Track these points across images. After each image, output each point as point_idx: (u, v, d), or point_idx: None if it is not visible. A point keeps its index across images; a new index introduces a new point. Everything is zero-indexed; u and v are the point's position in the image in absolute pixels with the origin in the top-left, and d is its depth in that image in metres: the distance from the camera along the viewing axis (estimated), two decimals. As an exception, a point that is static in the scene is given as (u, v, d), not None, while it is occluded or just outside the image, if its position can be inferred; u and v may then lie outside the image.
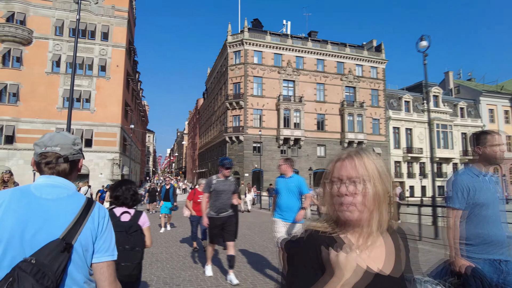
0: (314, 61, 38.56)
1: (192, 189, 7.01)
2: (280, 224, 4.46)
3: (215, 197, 4.83)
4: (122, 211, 2.57)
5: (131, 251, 2.41)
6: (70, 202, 1.24)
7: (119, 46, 30.87)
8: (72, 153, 1.30)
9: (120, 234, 2.36)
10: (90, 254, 1.22)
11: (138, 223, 2.55)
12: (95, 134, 29.14)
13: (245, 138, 34.58)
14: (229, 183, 4.90)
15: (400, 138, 42.48)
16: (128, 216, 2.55)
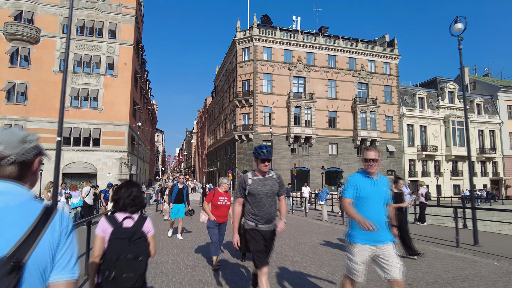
0: (325, 57, 37.56)
1: (212, 190, 5.91)
2: (366, 252, 2.99)
3: (253, 203, 3.44)
4: (125, 216, 2.33)
5: (134, 261, 2.15)
6: (22, 211, 1.03)
7: (127, 44, 30.42)
8: (21, 153, 1.10)
9: (122, 242, 2.17)
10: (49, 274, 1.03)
11: (142, 229, 2.28)
12: (103, 133, 28.75)
13: (254, 136, 33.82)
14: (271, 182, 3.47)
15: (414, 135, 41.20)
16: (131, 221, 2.31)
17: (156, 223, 12.26)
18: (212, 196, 5.72)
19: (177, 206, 8.78)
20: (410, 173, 40.48)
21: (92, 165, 28.38)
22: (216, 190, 5.79)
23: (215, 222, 5.65)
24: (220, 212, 5.68)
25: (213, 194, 5.74)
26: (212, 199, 5.67)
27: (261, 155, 3.40)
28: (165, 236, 9.00)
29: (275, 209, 3.51)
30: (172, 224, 9.18)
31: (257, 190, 3.39)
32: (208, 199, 5.75)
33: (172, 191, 8.76)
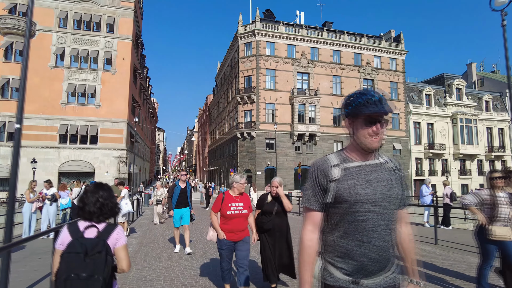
0: (330, 52, 36.45)
1: (221, 193, 4.15)
2: None
3: (347, 223, 1.46)
4: (88, 224, 1.98)
5: (88, 281, 1.78)
6: None
7: (125, 38, 29.42)
8: None
9: (76, 256, 1.80)
10: None
11: (107, 241, 1.92)
12: (101, 130, 27.79)
13: (257, 134, 32.78)
14: (387, 176, 1.50)
15: (421, 133, 40.07)
16: (95, 231, 1.95)
17: (151, 227, 11.28)
18: (220, 203, 3.98)
19: (180, 211, 7.01)
20: (417, 172, 39.41)
21: (90, 164, 27.44)
22: (227, 194, 4.04)
23: (227, 242, 3.89)
24: (233, 225, 3.91)
25: (221, 199, 3.99)
26: (221, 207, 3.97)
27: (369, 105, 1.44)
28: (157, 244, 7.98)
29: (393, 240, 1.50)
30: (178, 235, 7.23)
31: (359, 192, 1.44)
32: (216, 208, 4.02)
33: (173, 193, 6.96)
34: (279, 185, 4.35)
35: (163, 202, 12.00)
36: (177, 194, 6.99)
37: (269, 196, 4.41)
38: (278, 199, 4.32)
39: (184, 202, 7.04)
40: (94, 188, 2.08)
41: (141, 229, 10.48)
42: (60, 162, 26.81)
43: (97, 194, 2.04)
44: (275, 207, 4.26)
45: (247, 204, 4.07)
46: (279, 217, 4.26)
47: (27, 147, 26.17)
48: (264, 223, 4.20)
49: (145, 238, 8.55)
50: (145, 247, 7.33)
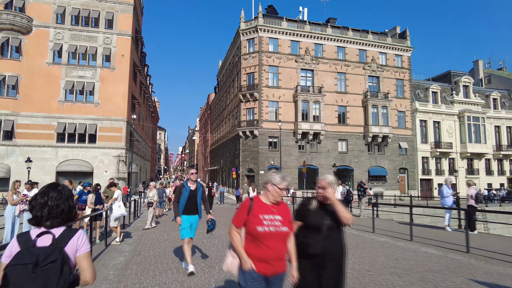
0: (334, 49, 35.58)
1: (248, 200, 2.76)
2: None
3: None
4: (41, 231, 1.70)
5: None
6: None
7: (125, 34, 28.64)
8: None
9: (22, 269, 1.55)
10: None
11: (64, 248, 1.66)
12: (99, 128, 27.03)
13: (260, 132, 31.97)
14: None
15: (428, 131, 39.18)
16: (49, 238, 1.68)
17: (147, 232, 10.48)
18: (246, 213, 2.63)
19: (189, 218, 5.52)
20: (424, 171, 38.53)
21: (88, 163, 26.69)
22: (257, 201, 2.70)
23: (256, 276, 2.52)
24: (267, 250, 2.54)
25: (248, 208, 2.65)
26: (248, 218, 2.60)
27: None
28: (152, 251, 7.18)
29: None
30: (189, 250, 5.56)
31: None
32: (239, 221, 2.65)
33: (180, 196, 5.54)
34: (328, 185, 2.89)
35: (154, 205, 11.09)
36: (185, 197, 5.51)
37: (313, 202, 2.97)
38: (328, 207, 2.89)
39: (194, 207, 5.57)
40: (44, 189, 1.82)
41: (136, 233, 9.68)
42: (57, 162, 26.09)
43: (47, 195, 1.78)
44: (325, 220, 2.83)
45: (287, 218, 2.68)
46: (332, 235, 2.83)
47: (24, 146, 25.51)
48: (310, 245, 2.77)
49: (140, 245, 7.75)
50: (138, 256, 6.52)
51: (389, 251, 6.85)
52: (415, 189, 37.37)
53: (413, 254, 6.44)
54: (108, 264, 5.82)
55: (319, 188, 2.94)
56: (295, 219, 2.96)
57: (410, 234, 8.07)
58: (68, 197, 1.84)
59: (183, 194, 5.55)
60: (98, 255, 6.59)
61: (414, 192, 36.85)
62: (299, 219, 2.95)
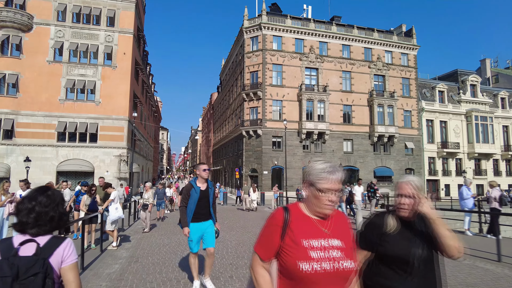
0: (339, 47, 34.95)
1: (280, 210, 1.56)
2: None
3: None
4: (25, 239, 1.57)
5: None
6: None
7: (127, 32, 28.18)
8: None
9: (0, 282, 1.43)
10: None
11: (48, 259, 1.52)
12: (100, 128, 26.58)
13: (263, 132, 31.40)
14: None
15: (434, 131, 38.44)
16: (33, 247, 1.54)
17: (146, 235, 9.92)
18: (279, 237, 1.51)
19: (199, 226, 4.44)
20: (430, 172, 37.78)
21: (89, 163, 26.24)
22: (295, 211, 1.58)
23: None
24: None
25: (282, 227, 1.51)
26: (282, 246, 1.50)
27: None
28: (151, 258, 6.62)
29: None
30: (196, 266, 4.59)
31: None
32: (267, 250, 1.53)
33: (188, 199, 4.46)
34: (418, 192, 1.88)
35: (150, 207, 10.33)
36: (194, 200, 4.40)
37: (390, 220, 1.91)
38: (415, 227, 1.88)
39: (205, 212, 4.50)
40: (32, 193, 1.68)
41: (135, 237, 9.14)
42: (58, 161, 25.66)
43: (35, 200, 1.63)
44: (416, 248, 1.79)
45: (348, 243, 1.57)
46: (428, 273, 1.81)
47: (24, 146, 25.10)
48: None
49: (138, 250, 7.20)
50: (135, 264, 5.97)
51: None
52: (422, 190, 36.56)
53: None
54: (101, 273, 5.28)
55: (403, 196, 1.88)
56: (360, 247, 1.89)
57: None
58: (58, 203, 1.68)
59: (192, 196, 4.40)
60: (92, 262, 6.06)
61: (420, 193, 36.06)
62: (367, 247, 1.90)
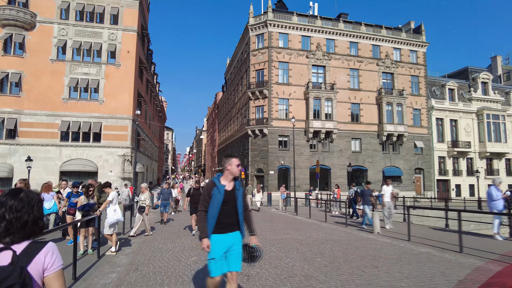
0: (346, 44, 34.20)
1: None
2: None
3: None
4: None
5: None
6: None
7: (130, 30, 27.74)
8: None
9: None
10: None
11: (26, 268, 1.34)
12: (104, 127, 26.17)
13: (269, 131, 30.78)
14: None
15: (444, 130, 37.51)
16: (8, 255, 1.35)
17: (148, 238, 9.33)
18: None
19: (224, 239, 3.25)
20: (440, 172, 36.87)
21: (93, 163, 25.83)
22: None
23: None
24: None
25: None
26: None
27: None
28: (152, 266, 6.02)
29: None
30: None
31: None
32: None
33: (209, 202, 3.30)
34: None
35: (147, 210, 9.35)
36: (217, 203, 3.23)
37: None
38: None
39: (232, 221, 3.29)
40: (1, 198, 1.45)
41: (137, 240, 8.56)
42: (61, 161, 25.28)
43: (4, 206, 1.41)
44: None
45: None
46: None
47: (27, 145, 24.76)
48: None
49: (139, 256, 6.62)
50: (134, 272, 5.37)
51: (442, 267, 5.59)
52: (431, 190, 35.73)
53: (477, 273, 5.20)
54: (95, 284, 4.70)
55: None
56: None
57: (460, 245, 6.78)
58: (33, 206, 1.48)
59: (214, 198, 3.24)
60: (87, 270, 5.48)
61: (431, 193, 35.23)
62: None
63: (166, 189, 13.26)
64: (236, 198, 3.31)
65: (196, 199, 9.20)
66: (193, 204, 9.73)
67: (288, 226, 11.56)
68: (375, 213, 9.67)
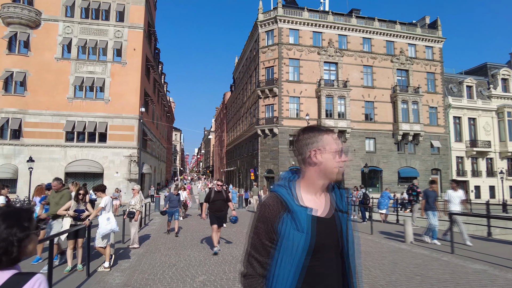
0: (359, 40, 32.90)
1: None
2: None
3: None
4: None
5: None
6: None
7: (137, 27, 26.99)
8: None
9: None
10: None
11: None
12: (110, 127, 25.43)
13: (279, 130, 29.68)
14: None
15: (462, 129, 35.89)
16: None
17: (151, 250, 8.33)
18: None
19: None
20: (458, 173, 35.22)
21: (98, 163, 25.09)
22: None
23: None
24: None
25: None
26: None
27: None
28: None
29: None
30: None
31: None
32: None
33: (271, 252, 1.29)
34: None
35: (137, 216, 7.75)
36: (298, 253, 1.25)
37: None
38: None
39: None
40: None
41: (137, 252, 7.55)
42: (66, 162, 24.61)
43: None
44: None
45: None
46: None
47: (32, 146, 24.15)
48: None
49: (136, 273, 5.60)
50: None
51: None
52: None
53: None
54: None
55: None
56: None
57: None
58: (14, 225, 1.21)
59: (287, 240, 1.27)
60: (73, 293, 4.50)
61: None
62: None
63: (175, 195, 10.77)
64: (344, 238, 1.40)
65: (218, 206, 7.47)
66: (214, 213, 7.49)
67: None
68: (407, 220, 8.46)
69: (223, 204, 7.57)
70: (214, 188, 7.85)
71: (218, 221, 7.39)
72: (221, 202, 7.54)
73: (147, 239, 9.25)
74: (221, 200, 7.57)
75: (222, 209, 7.53)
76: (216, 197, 7.58)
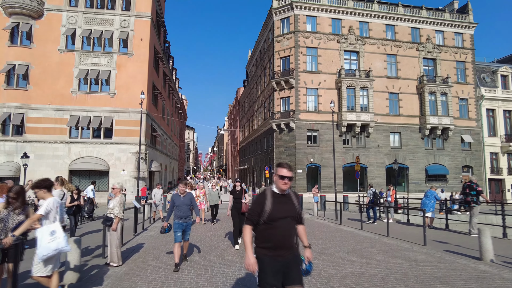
0: (382, 27, 30.37)
1: None
2: None
3: None
4: None
5: None
6: None
7: (144, 16, 25.39)
8: None
9: None
10: None
11: None
12: (116, 122, 23.93)
13: (296, 125, 27.55)
14: None
15: (496, 122, 32.87)
16: None
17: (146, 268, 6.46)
18: None
19: None
20: (492, 170, 32.26)
21: (104, 161, 23.64)
22: None
23: None
24: None
25: None
26: None
27: None
28: None
29: None
30: None
31: None
32: None
33: None
34: None
35: (115, 224, 5.85)
36: None
37: None
38: None
39: None
40: None
41: (113, 274, 5.63)
42: (70, 159, 23.25)
43: None
44: None
45: None
46: None
47: (35, 142, 22.91)
48: None
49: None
50: None
51: None
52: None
53: None
54: None
55: None
56: None
57: None
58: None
59: None
60: None
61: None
62: None
63: (182, 196, 6.39)
64: None
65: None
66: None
67: (340, 244, 8.22)
68: (483, 229, 6.15)
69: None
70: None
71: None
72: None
73: (138, 251, 7.36)
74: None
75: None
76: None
